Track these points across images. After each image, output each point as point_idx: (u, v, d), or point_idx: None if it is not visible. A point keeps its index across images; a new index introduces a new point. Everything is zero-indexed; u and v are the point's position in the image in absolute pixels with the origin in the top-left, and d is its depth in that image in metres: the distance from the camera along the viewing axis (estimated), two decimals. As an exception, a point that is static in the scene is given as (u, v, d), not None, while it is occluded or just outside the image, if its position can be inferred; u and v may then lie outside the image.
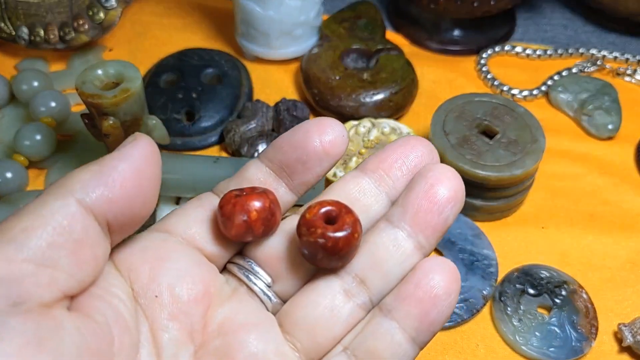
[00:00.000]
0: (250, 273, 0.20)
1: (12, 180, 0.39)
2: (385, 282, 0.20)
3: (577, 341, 0.33)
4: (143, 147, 0.18)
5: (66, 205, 0.17)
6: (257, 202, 0.20)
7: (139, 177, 0.18)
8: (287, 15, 0.45)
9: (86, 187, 0.17)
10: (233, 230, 0.20)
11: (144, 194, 0.18)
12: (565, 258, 0.38)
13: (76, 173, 0.18)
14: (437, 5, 0.48)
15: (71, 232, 0.17)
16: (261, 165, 0.21)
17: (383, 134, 0.42)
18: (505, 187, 0.37)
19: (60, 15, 0.46)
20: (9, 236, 0.16)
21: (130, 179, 0.18)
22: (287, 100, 0.44)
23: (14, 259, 0.16)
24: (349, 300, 0.20)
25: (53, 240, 0.16)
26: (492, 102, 0.40)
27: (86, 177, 0.17)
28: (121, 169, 0.18)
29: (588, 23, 0.54)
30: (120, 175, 0.18)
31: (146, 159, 0.18)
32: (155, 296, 0.19)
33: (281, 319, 0.20)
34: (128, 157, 0.18)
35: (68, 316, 0.16)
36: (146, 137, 0.19)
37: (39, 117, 0.42)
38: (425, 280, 0.19)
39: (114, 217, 0.18)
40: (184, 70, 0.46)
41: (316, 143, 0.20)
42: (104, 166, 0.18)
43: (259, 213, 0.20)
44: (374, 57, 0.47)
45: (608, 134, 0.44)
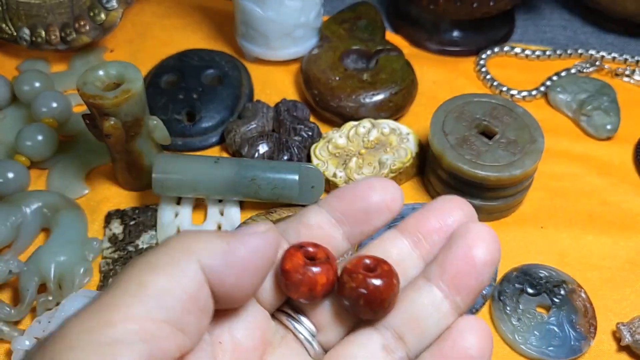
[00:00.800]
0: (297, 322, 0.21)
1: (14, 181, 0.39)
2: (422, 339, 0.20)
3: (576, 340, 0.33)
4: (270, 239, 0.19)
5: (194, 271, 0.18)
6: (324, 275, 0.20)
7: (254, 268, 0.19)
8: (287, 16, 0.46)
9: (212, 258, 0.18)
10: (296, 294, 0.21)
11: (253, 282, 0.19)
12: (564, 258, 0.38)
13: (203, 239, 0.18)
14: (436, 7, 0.49)
15: (198, 301, 0.18)
16: (321, 210, 0.22)
17: (383, 135, 0.42)
18: (504, 187, 0.37)
19: (62, 16, 0.47)
20: (149, 292, 0.17)
21: (247, 269, 0.19)
22: (288, 100, 0.44)
23: (156, 318, 0.17)
24: (387, 355, 0.20)
25: (185, 307, 0.17)
26: (492, 103, 0.40)
27: (214, 249, 0.18)
28: (244, 254, 0.18)
29: (587, 24, 0.55)
30: (242, 260, 0.18)
31: (267, 252, 0.19)
32: (219, 342, 0.19)
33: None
34: (254, 244, 0.19)
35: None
36: (276, 231, 0.19)
37: (40, 118, 0.42)
38: (461, 341, 0.20)
39: (222, 294, 0.18)
40: (184, 71, 0.46)
41: (379, 197, 0.21)
42: (231, 244, 0.18)
43: (323, 287, 0.21)
44: (373, 58, 0.47)
45: (607, 134, 0.44)
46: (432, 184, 0.40)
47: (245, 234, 0.19)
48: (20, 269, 0.35)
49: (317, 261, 0.21)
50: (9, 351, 0.34)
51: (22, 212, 0.38)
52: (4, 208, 0.37)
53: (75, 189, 0.41)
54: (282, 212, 0.38)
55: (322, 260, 0.21)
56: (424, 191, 0.41)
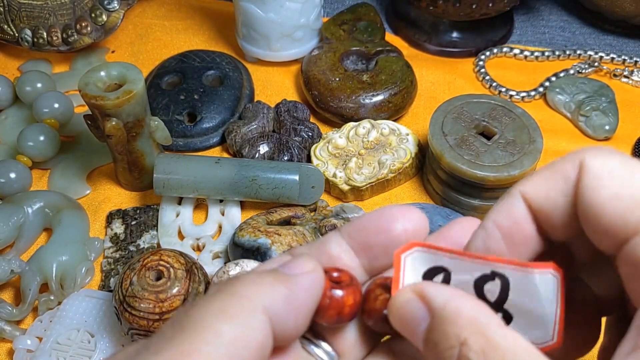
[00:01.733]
0: (319, 348, 0.21)
1: (16, 181, 0.40)
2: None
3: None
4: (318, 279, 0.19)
5: (264, 323, 0.18)
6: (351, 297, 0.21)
7: (309, 306, 0.19)
8: (288, 17, 0.46)
9: (276, 305, 0.18)
10: (324, 319, 0.21)
11: (305, 322, 0.19)
12: (563, 257, 0.38)
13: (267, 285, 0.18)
14: (435, 8, 0.49)
15: (264, 350, 0.18)
16: (342, 241, 0.22)
17: (382, 135, 0.42)
18: (503, 188, 0.38)
19: (63, 18, 0.47)
20: (225, 342, 0.17)
21: (304, 312, 0.19)
22: (288, 101, 0.44)
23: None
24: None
25: (254, 356, 0.17)
26: (490, 103, 0.41)
27: (278, 296, 0.18)
28: (304, 300, 0.19)
29: (585, 25, 0.55)
30: (302, 307, 0.19)
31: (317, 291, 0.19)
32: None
33: None
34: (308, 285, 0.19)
35: None
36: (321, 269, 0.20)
37: (42, 119, 0.42)
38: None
39: (280, 337, 0.18)
40: (185, 72, 0.47)
41: (399, 230, 0.21)
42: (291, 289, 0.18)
43: (351, 308, 0.21)
44: (373, 59, 0.47)
45: (605, 134, 0.45)
46: (432, 184, 0.41)
47: (299, 274, 0.19)
48: (22, 268, 0.35)
49: (343, 284, 0.21)
50: (10, 350, 0.34)
51: (24, 212, 0.38)
52: (6, 208, 0.37)
53: (76, 189, 0.41)
54: (283, 212, 0.39)
55: (347, 282, 0.21)
56: (423, 191, 0.42)
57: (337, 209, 0.39)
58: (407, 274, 0.21)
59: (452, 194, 0.39)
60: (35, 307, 0.35)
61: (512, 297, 0.20)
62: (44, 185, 0.42)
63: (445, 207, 0.40)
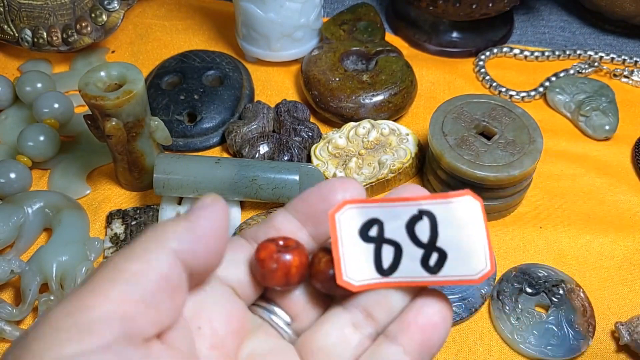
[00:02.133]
0: (272, 314, 0.23)
1: (16, 181, 0.39)
2: (390, 314, 0.22)
3: (575, 339, 0.33)
4: (220, 209, 0.21)
5: (166, 254, 0.19)
6: (296, 258, 0.22)
7: (218, 237, 0.21)
8: (288, 17, 0.46)
9: (180, 240, 0.20)
10: (273, 282, 0.22)
11: (220, 250, 0.21)
12: (563, 257, 0.38)
13: (170, 225, 0.20)
14: (435, 8, 0.49)
15: (170, 279, 0.19)
16: (288, 214, 0.24)
17: (382, 135, 0.42)
18: (503, 188, 0.38)
19: (63, 18, 0.47)
20: (124, 277, 0.18)
21: (212, 236, 0.20)
22: (288, 101, 0.44)
23: (129, 298, 0.18)
24: (357, 330, 0.22)
25: (158, 285, 0.19)
26: (490, 103, 0.41)
27: (180, 233, 0.20)
28: (206, 229, 0.20)
29: (585, 25, 0.55)
30: (206, 235, 0.20)
31: (222, 217, 0.21)
32: (198, 327, 0.21)
33: (299, 348, 0.22)
34: (209, 218, 0.20)
35: (165, 349, 0.19)
36: (222, 200, 0.21)
37: (42, 119, 0.42)
38: (425, 309, 0.21)
39: (198, 270, 0.20)
40: (185, 72, 0.47)
41: (339, 199, 0.22)
42: (193, 224, 0.20)
43: (298, 269, 0.22)
44: (373, 59, 0.47)
45: (605, 134, 0.45)
46: (432, 184, 0.41)
47: (200, 209, 0.21)
48: (22, 268, 0.35)
49: (289, 248, 0.22)
50: (11, 350, 0.34)
51: (24, 212, 0.38)
52: (6, 208, 0.37)
53: (76, 189, 0.41)
54: (283, 212, 0.39)
55: (293, 247, 0.22)
56: (423, 191, 0.42)
57: (337, 209, 0.39)
58: (344, 232, 0.22)
59: (452, 194, 0.39)
60: (35, 307, 0.35)
61: (442, 232, 0.21)
62: (44, 186, 0.42)
63: (445, 207, 0.40)
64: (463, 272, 0.21)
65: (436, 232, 0.21)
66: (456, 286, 0.35)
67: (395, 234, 0.22)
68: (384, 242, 0.22)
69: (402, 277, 0.22)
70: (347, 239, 0.22)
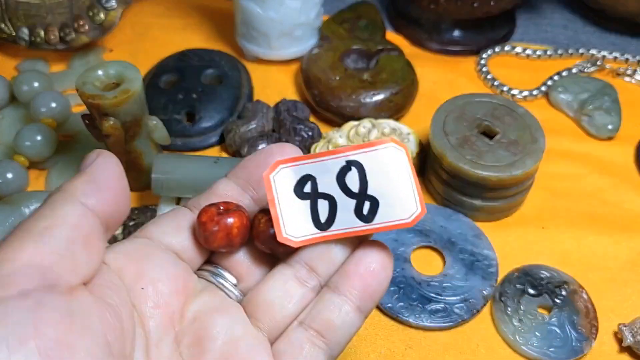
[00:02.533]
0: (218, 276, 0.24)
1: (13, 181, 0.39)
2: (332, 267, 0.23)
3: (577, 341, 0.33)
4: (111, 158, 0.22)
5: (74, 208, 0.20)
6: (237, 220, 0.23)
7: (119, 181, 0.22)
8: (287, 16, 0.45)
9: (85, 194, 0.21)
10: (215, 243, 0.23)
11: (125, 193, 0.22)
12: (566, 258, 0.38)
13: (72, 184, 0.21)
14: (437, 6, 0.48)
15: (82, 229, 0.20)
16: (229, 182, 0.25)
17: (383, 135, 0.42)
18: (505, 188, 0.37)
19: (61, 16, 0.47)
20: (34, 233, 0.19)
21: (114, 184, 0.22)
22: (288, 100, 0.44)
23: (43, 251, 0.19)
24: (300, 284, 0.23)
25: (70, 236, 0.19)
26: (492, 103, 0.40)
27: (82, 186, 0.21)
28: (106, 177, 0.21)
29: (588, 23, 0.54)
30: (107, 182, 0.21)
31: (117, 166, 0.22)
32: (141, 288, 0.22)
33: (245, 305, 0.23)
34: (105, 167, 0.22)
35: (90, 297, 0.19)
36: (105, 151, 0.22)
37: (39, 118, 0.42)
38: (364, 258, 0.23)
39: (109, 215, 0.21)
40: (184, 71, 0.46)
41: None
42: (91, 176, 0.21)
43: (239, 229, 0.23)
44: (374, 58, 0.47)
45: (608, 134, 0.44)
46: (433, 184, 0.40)
47: (90, 164, 0.22)
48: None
49: (229, 210, 0.23)
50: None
51: (22, 212, 0.37)
52: (3, 208, 0.37)
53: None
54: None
55: (233, 209, 0.23)
56: (424, 191, 0.41)
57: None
58: (280, 191, 0.23)
59: (454, 194, 0.38)
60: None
61: (371, 181, 0.22)
62: (41, 186, 0.41)
63: (446, 207, 0.39)
64: (396, 217, 0.22)
65: (365, 181, 0.22)
66: (458, 287, 0.35)
67: (328, 188, 0.23)
68: (319, 196, 0.23)
69: (339, 229, 0.22)
70: (283, 198, 0.23)
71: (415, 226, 0.38)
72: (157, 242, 0.23)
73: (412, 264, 0.36)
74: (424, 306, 0.34)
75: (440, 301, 0.35)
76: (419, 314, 0.34)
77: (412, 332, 0.34)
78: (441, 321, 0.34)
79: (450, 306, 0.34)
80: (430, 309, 0.34)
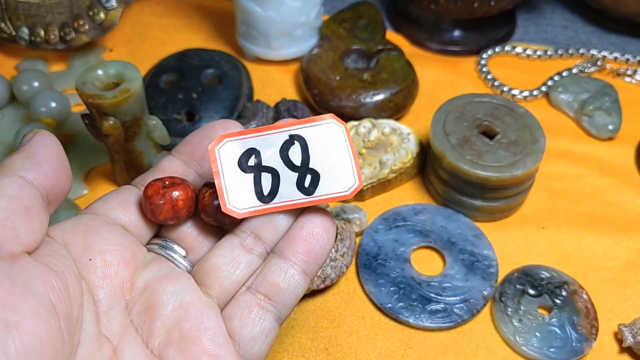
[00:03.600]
0: (167, 249, 0.25)
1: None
2: (277, 234, 0.24)
3: (578, 342, 0.33)
4: (49, 136, 0.23)
5: (13, 181, 0.21)
6: (182, 192, 0.24)
7: (57, 156, 0.22)
8: (287, 15, 0.45)
9: (23, 168, 0.21)
10: (162, 216, 0.24)
11: (65, 168, 0.23)
12: (566, 259, 0.38)
13: (10, 160, 0.22)
14: (437, 6, 0.48)
15: (22, 200, 0.20)
16: (173, 158, 0.26)
17: (383, 135, 0.42)
18: (505, 188, 0.37)
19: (61, 16, 0.46)
20: None
21: (52, 158, 0.22)
22: (288, 100, 0.44)
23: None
24: (247, 251, 0.24)
25: (9, 207, 0.20)
26: (493, 103, 0.40)
27: (21, 162, 0.21)
28: (44, 152, 0.22)
29: (588, 23, 0.54)
30: (46, 157, 0.22)
31: (55, 142, 0.23)
32: (89, 259, 0.22)
33: (194, 274, 0.24)
34: (43, 144, 0.22)
35: (34, 263, 0.20)
36: (45, 130, 0.23)
37: (39, 118, 0.42)
38: (307, 223, 0.24)
39: (50, 189, 0.22)
40: (184, 71, 0.46)
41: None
42: (30, 152, 0.22)
43: (184, 202, 0.24)
44: (374, 58, 0.47)
45: (608, 134, 0.44)
46: (433, 184, 0.40)
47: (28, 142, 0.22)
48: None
49: (175, 184, 0.24)
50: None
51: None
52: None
53: (74, 189, 0.41)
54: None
55: (178, 183, 0.24)
56: (424, 191, 0.41)
57: (337, 209, 0.38)
58: (224, 164, 0.23)
59: (454, 194, 0.38)
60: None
61: (313, 154, 0.23)
62: (41, 185, 0.41)
63: (446, 207, 0.39)
64: (335, 189, 0.23)
65: (307, 154, 0.23)
66: (457, 287, 0.35)
67: (272, 161, 0.23)
68: (263, 170, 0.23)
69: (281, 201, 0.23)
70: (227, 170, 0.23)
71: (415, 226, 0.38)
72: (103, 216, 0.24)
73: (412, 264, 0.36)
74: (424, 306, 0.34)
75: (440, 301, 0.35)
76: (419, 314, 0.34)
77: (412, 333, 0.34)
78: (441, 321, 0.34)
79: (450, 306, 0.34)
80: (430, 309, 0.34)
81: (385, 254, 0.37)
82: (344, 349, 0.33)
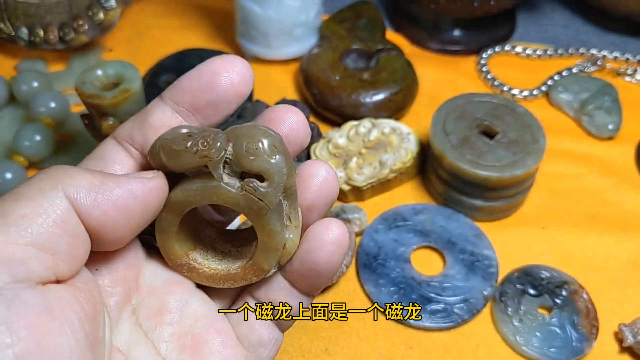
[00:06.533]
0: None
1: (12, 181, 0.39)
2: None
3: (578, 341, 0.33)
4: (153, 185, 0.19)
5: (60, 199, 0.17)
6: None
7: (132, 209, 0.19)
8: (287, 15, 0.45)
9: (78, 191, 0.18)
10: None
11: (130, 225, 0.19)
12: (566, 258, 0.38)
13: (72, 173, 0.18)
14: (437, 5, 0.48)
15: (67, 225, 0.17)
16: (166, 108, 0.21)
17: (383, 134, 0.42)
18: (505, 188, 0.37)
19: (60, 16, 0.46)
20: (8, 221, 0.17)
21: (121, 207, 0.18)
22: (287, 100, 0.44)
23: (19, 242, 0.16)
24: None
25: (53, 230, 0.17)
26: (493, 102, 0.40)
27: (80, 183, 0.18)
28: (118, 195, 0.18)
29: (588, 23, 0.54)
30: (113, 200, 0.18)
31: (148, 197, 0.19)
32: (95, 269, 0.20)
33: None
34: (131, 187, 0.19)
35: (63, 287, 0.18)
36: (163, 178, 0.19)
37: (38, 118, 0.42)
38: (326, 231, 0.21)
39: (94, 230, 0.18)
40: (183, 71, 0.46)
41: (226, 84, 0.20)
42: (103, 183, 0.18)
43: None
44: (374, 57, 0.46)
45: (608, 134, 0.44)
46: (433, 184, 0.40)
47: (127, 177, 0.19)
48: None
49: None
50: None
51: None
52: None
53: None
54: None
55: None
56: (424, 191, 0.41)
57: (337, 209, 0.38)
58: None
59: (454, 194, 0.38)
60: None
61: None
62: (41, 186, 0.41)
63: (447, 207, 0.39)
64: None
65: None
66: (458, 287, 0.35)
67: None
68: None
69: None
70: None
71: (415, 226, 0.38)
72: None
73: (412, 264, 0.36)
74: (424, 306, 0.34)
75: (440, 301, 0.35)
76: (419, 314, 0.34)
77: (412, 333, 0.34)
78: (441, 321, 0.34)
79: (451, 306, 0.34)
80: (430, 309, 0.34)
81: (385, 254, 0.36)
82: (344, 349, 0.33)
